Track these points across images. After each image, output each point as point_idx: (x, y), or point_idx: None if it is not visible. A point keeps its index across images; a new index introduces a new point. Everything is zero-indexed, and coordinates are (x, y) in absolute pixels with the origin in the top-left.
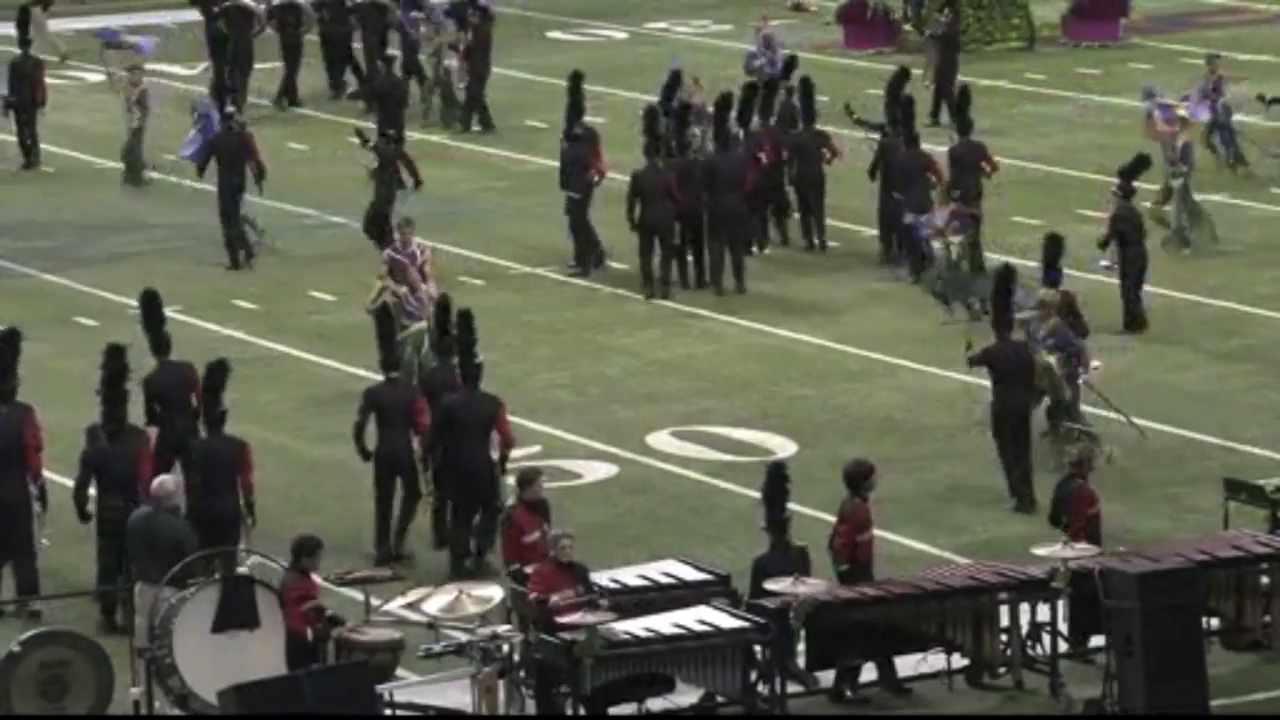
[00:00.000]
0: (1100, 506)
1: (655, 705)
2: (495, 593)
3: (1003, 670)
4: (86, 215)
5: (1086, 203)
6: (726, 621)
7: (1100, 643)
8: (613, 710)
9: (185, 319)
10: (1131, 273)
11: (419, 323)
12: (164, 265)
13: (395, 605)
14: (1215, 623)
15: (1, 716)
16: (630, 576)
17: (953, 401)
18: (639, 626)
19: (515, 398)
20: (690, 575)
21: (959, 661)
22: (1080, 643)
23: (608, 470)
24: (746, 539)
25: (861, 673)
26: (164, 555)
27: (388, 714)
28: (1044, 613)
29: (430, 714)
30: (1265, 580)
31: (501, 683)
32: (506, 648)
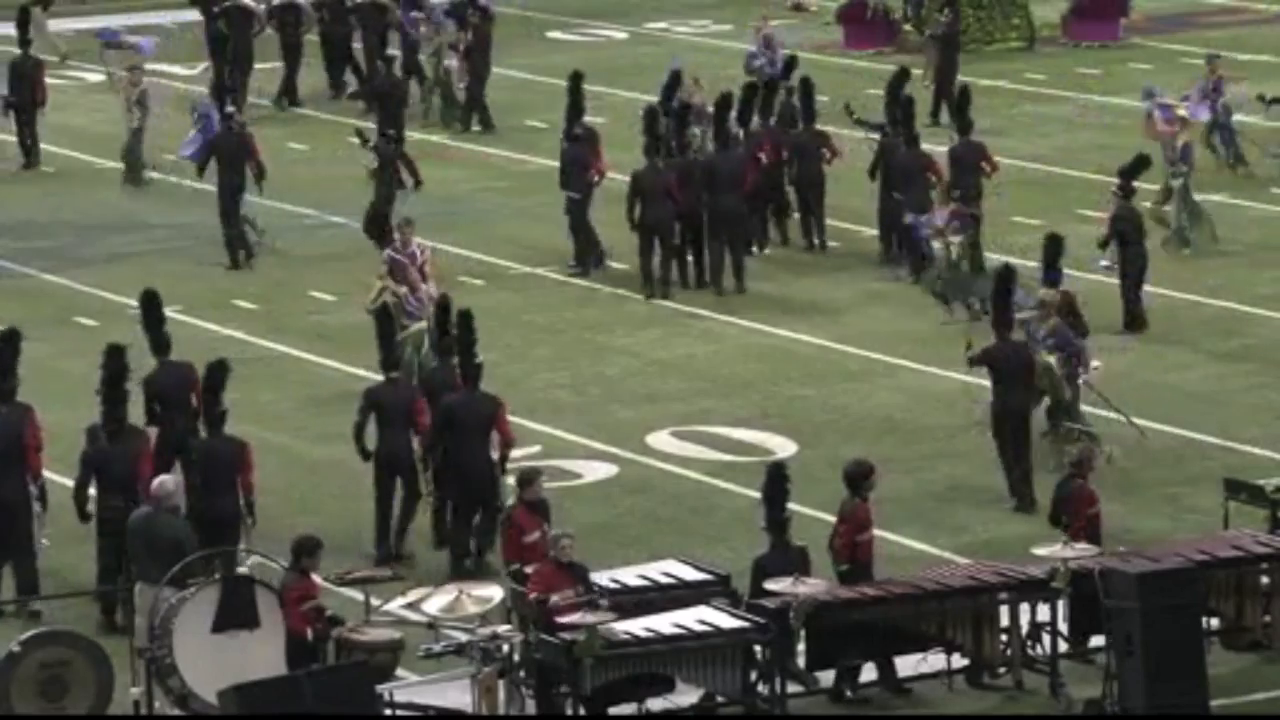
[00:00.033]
0: (1100, 506)
1: (655, 705)
2: (495, 593)
3: (1003, 670)
4: (86, 215)
5: (1086, 203)
6: (726, 621)
7: (1100, 643)
8: (613, 710)
9: (185, 319)
10: (1131, 273)
11: (419, 323)
12: (164, 265)
13: (395, 605)
14: (1215, 623)
15: (1, 716)
16: (630, 576)
17: (953, 401)
18: (639, 626)
19: (515, 398)
20: (690, 575)
21: (959, 661)
22: (1080, 643)
23: (608, 470)
24: (746, 539)
25: (861, 673)
26: (164, 555)
27: (388, 714)
28: (1044, 613)
29: (430, 714)
30: (1265, 580)
31: (501, 683)
32: (506, 648)
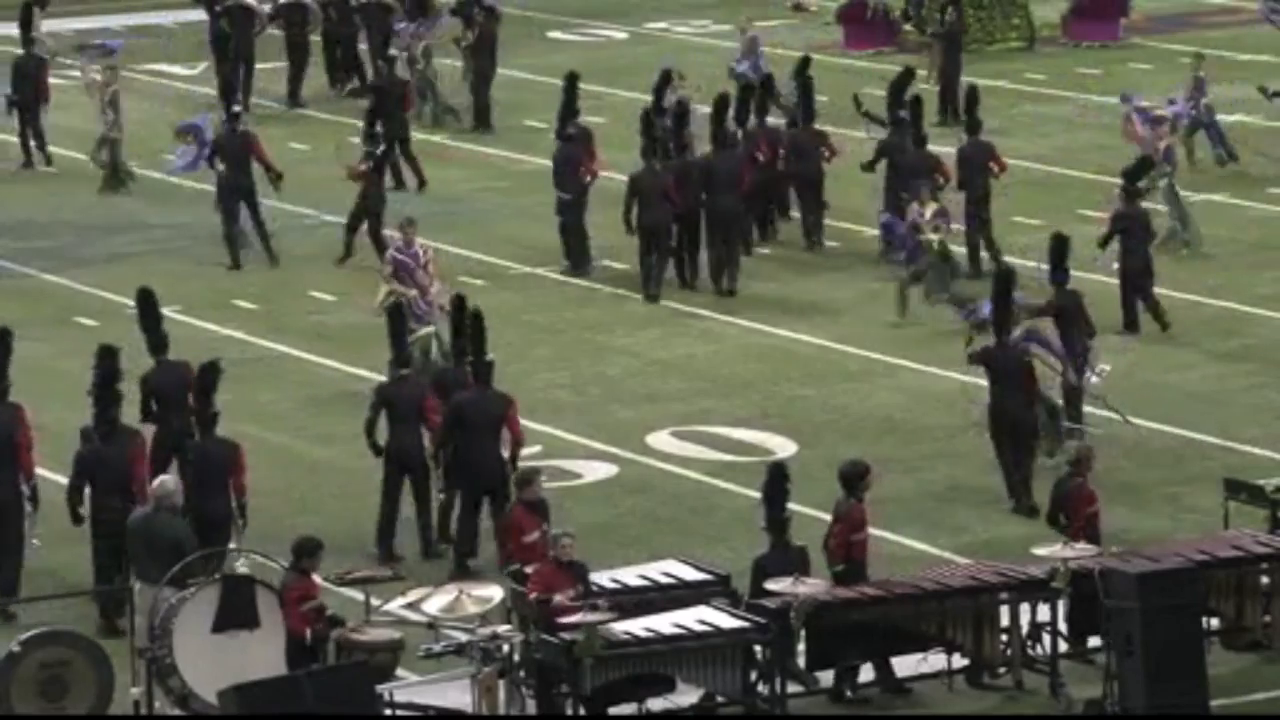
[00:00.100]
0: (1099, 506)
1: (655, 705)
2: (495, 593)
3: (1003, 670)
4: (86, 215)
5: (1087, 203)
6: (726, 621)
7: (1100, 643)
8: (613, 710)
9: (185, 319)
10: (1131, 274)
11: (427, 327)
12: (164, 265)
13: (395, 605)
14: (1215, 623)
15: (2, 716)
16: (630, 576)
17: (952, 401)
18: (639, 626)
19: (516, 398)
20: (690, 575)
21: (959, 661)
22: (1080, 643)
23: (608, 470)
24: (746, 539)
25: (861, 673)
26: (163, 555)
27: (388, 714)
28: (1044, 613)
29: (430, 714)
30: (1265, 580)
31: (501, 683)
32: (506, 648)
